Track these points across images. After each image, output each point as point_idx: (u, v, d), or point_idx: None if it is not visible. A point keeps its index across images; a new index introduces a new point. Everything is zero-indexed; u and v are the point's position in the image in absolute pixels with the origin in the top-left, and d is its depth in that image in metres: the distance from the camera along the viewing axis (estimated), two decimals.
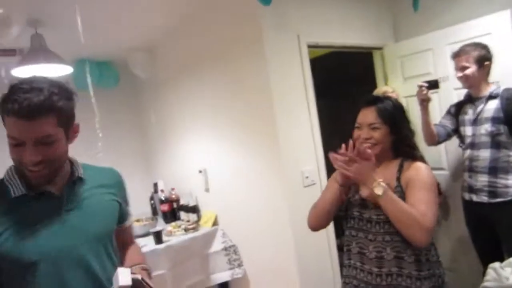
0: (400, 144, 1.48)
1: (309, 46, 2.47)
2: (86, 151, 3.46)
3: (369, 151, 1.39)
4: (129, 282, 0.96)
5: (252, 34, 2.33)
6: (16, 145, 1.00)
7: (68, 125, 1.07)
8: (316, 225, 1.57)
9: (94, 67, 3.53)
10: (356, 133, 1.50)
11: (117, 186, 1.29)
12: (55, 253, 1.04)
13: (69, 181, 1.14)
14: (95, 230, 1.14)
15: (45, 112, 0.98)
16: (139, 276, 1.02)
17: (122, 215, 1.30)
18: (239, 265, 2.78)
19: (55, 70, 2.68)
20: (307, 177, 2.38)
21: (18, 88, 0.98)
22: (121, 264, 1.24)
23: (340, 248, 2.11)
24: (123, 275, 0.97)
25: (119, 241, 1.31)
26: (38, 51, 2.54)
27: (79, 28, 2.28)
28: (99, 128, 2.61)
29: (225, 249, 2.79)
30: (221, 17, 2.57)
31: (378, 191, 1.33)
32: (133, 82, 3.95)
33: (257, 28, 2.29)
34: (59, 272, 1.04)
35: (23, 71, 2.53)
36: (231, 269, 2.77)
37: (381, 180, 1.35)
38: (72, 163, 1.18)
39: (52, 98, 0.99)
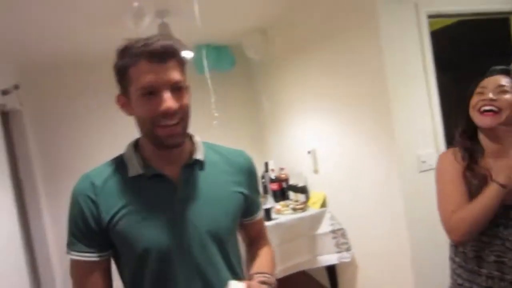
0: None
1: (430, 16, 2.21)
2: (203, 130, 3.79)
3: None
4: None
5: (365, 7, 2.19)
6: (149, 94, 0.89)
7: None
8: (470, 239, 1.27)
9: (212, 51, 3.76)
10: (475, 99, 1.28)
11: (246, 173, 1.10)
12: (162, 246, 0.93)
13: (187, 163, 1.00)
14: (210, 226, 0.97)
15: (176, 55, 0.91)
16: None
17: (251, 207, 1.11)
18: (347, 249, 2.72)
19: None
20: (424, 162, 2.18)
21: (141, 38, 0.91)
22: (247, 265, 1.10)
23: None
24: None
25: (246, 236, 1.18)
26: None
27: (197, 15, 2.45)
28: (214, 109, 2.80)
29: (333, 231, 2.76)
30: None
31: None
32: (247, 64, 4.10)
33: (370, 4, 2.14)
34: (165, 266, 0.94)
35: None
36: (338, 252, 2.73)
37: None
38: (193, 142, 1.05)
39: (178, 44, 0.92)
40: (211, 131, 3.19)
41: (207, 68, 3.02)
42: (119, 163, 1.01)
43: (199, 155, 1.02)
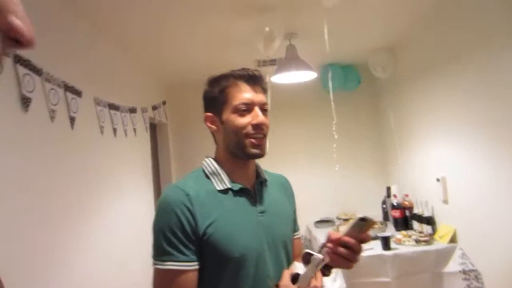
0: None
1: None
2: (324, 149, 3.78)
3: None
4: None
5: (502, 29, 1.93)
6: (244, 111, 1.06)
7: None
8: None
9: (339, 70, 3.77)
10: None
11: (291, 193, 1.28)
12: (253, 254, 1.03)
13: (256, 181, 1.14)
14: (281, 236, 1.12)
15: (264, 83, 1.13)
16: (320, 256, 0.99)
17: (295, 224, 1.27)
18: None
19: (303, 76, 3.02)
20: None
21: (240, 69, 1.12)
22: None
23: None
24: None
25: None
26: (291, 59, 2.91)
27: (326, 37, 2.49)
28: (335, 130, 2.77)
29: (464, 272, 2.44)
30: (469, 9, 2.25)
31: None
32: (373, 83, 3.98)
33: (510, 22, 1.88)
34: (250, 274, 1.02)
35: (279, 78, 2.97)
36: None
37: None
38: (255, 165, 1.18)
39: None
40: (331, 151, 3.19)
41: (333, 88, 3.03)
42: (201, 177, 1.10)
43: (263, 175, 1.17)
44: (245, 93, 1.07)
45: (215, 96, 1.11)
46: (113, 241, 2.30)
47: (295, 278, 1.00)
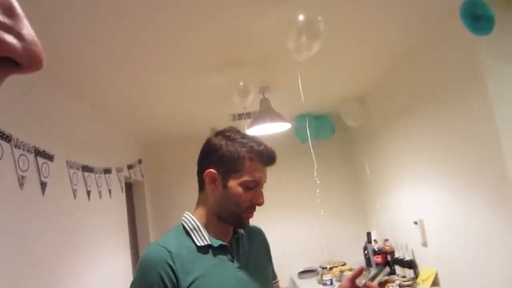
0: None
1: None
2: (307, 198, 3.79)
3: None
4: None
5: (470, 71, 2.09)
6: (251, 188, 1.09)
7: None
8: None
9: (312, 120, 3.89)
10: None
11: (266, 244, 1.30)
12: None
13: (233, 237, 1.15)
14: (262, 286, 1.14)
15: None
16: None
17: (273, 273, 1.29)
18: None
19: (277, 127, 3.11)
20: None
21: (258, 139, 1.13)
22: None
23: None
24: None
25: None
26: (265, 112, 3.00)
27: (300, 90, 2.61)
28: (316, 176, 2.81)
29: None
30: (434, 58, 2.43)
31: None
32: (347, 132, 4.11)
33: (476, 63, 2.04)
34: None
35: (254, 130, 3.04)
36: None
37: None
38: None
39: None
40: (313, 199, 3.21)
41: (306, 138, 3.11)
42: (181, 233, 1.10)
43: (240, 230, 1.19)
44: (260, 173, 1.10)
45: (228, 158, 1.09)
46: None
47: None
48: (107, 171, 2.78)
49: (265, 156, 1.11)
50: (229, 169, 1.09)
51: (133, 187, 3.75)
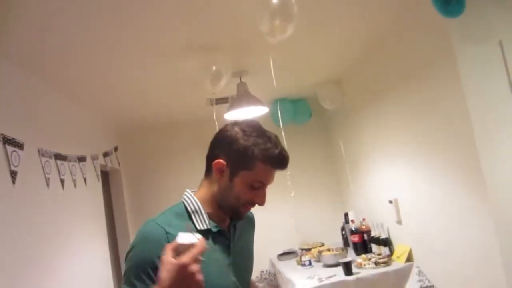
0: None
1: None
2: (279, 182, 3.84)
3: None
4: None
5: (441, 52, 2.13)
6: (256, 188, 1.08)
7: None
8: None
9: (289, 105, 3.91)
10: None
11: (254, 227, 1.32)
12: None
13: (231, 223, 1.16)
14: (247, 273, 1.19)
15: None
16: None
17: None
18: None
19: (254, 111, 3.10)
20: None
21: (275, 140, 1.10)
22: None
23: None
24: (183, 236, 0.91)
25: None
26: (242, 96, 2.99)
27: (273, 75, 2.60)
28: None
29: None
30: (407, 40, 2.46)
31: None
32: (324, 115, 4.15)
33: (447, 43, 2.08)
34: None
35: (231, 115, 3.03)
36: None
37: None
38: None
39: None
40: (287, 183, 3.25)
41: (283, 121, 3.13)
42: (183, 214, 1.08)
43: None
44: (269, 176, 1.09)
45: (241, 155, 1.06)
46: None
47: None
48: (81, 159, 2.72)
49: (279, 161, 1.08)
50: (239, 165, 1.07)
51: (110, 176, 3.69)
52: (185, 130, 3.98)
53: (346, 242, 3.51)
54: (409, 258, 2.70)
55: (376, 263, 2.71)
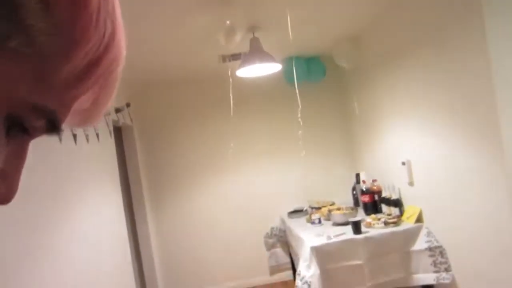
0: None
1: None
2: (292, 140, 3.83)
3: None
4: None
5: (467, 8, 2.01)
6: None
7: None
8: None
9: (303, 62, 3.80)
10: None
11: None
12: None
13: None
14: None
15: None
16: None
17: None
18: (446, 270, 2.48)
19: (267, 68, 3.03)
20: None
21: None
22: None
23: None
24: None
25: None
26: (255, 52, 2.91)
27: (289, 30, 2.50)
28: (300, 117, 2.80)
29: (430, 249, 2.54)
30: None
31: None
32: (338, 74, 4.04)
33: (476, 2, 1.95)
34: None
35: (244, 72, 2.97)
36: (436, 272, 2.50)
37: None
38: None
39: None
40: (298, 142, 3.24)
41: (297, 79, 3.06)
42: None
43: None
44: None
45: None
46: (83, 249, 2.25)
47: None
48: None
49: None
50: None
51: (123, 132, 3.72)
52: (197, 86, 3.94)
53: (356, 202, 3.53)
54: (419, 219, 2.71)
55: (386, 223, 2.73)
